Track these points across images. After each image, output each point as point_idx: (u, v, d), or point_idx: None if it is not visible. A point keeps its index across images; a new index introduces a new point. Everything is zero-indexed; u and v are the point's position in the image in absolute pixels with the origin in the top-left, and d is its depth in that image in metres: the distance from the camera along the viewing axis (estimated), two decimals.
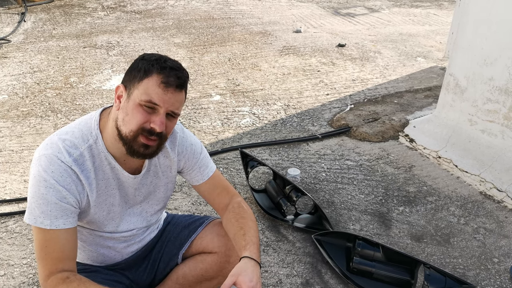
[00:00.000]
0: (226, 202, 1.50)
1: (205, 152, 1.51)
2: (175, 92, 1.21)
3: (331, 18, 6.29)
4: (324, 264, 2.06)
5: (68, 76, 4.11)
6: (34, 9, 6.36)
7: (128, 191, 1.38)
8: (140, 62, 1.23)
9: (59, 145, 1.23)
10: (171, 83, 1.20)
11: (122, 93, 1.24)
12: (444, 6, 7.09)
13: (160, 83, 1.19)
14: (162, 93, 1.19)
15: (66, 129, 1.28)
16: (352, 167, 2.82)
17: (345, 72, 4.34)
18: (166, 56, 1.25)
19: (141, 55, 1.26)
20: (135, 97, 1.20)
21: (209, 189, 1.51)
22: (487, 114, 2.73)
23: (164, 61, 1.22)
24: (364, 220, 2.36)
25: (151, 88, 1.19)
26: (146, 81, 1.19)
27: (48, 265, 1.22)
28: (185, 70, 1.26)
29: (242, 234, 1.37)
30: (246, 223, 1.41)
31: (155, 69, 1.20)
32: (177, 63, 1.25)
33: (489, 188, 2.60)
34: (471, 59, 2.75)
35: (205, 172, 1.50)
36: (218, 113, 3.49)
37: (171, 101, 1.21)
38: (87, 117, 1.31)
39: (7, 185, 2.56)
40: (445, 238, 2.25)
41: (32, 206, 1.20)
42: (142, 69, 1.21)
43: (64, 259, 1.24)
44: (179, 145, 1.44)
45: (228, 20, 6.04)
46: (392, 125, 3.28)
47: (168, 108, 1.21)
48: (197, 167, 1.48)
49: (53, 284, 1.21)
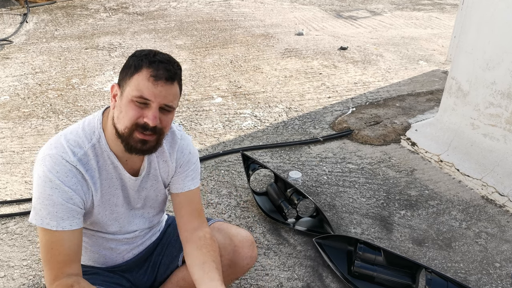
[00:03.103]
0: (195, 226, 1.43)
1: (198, 164, 1.49)
2: (165, 85, 1.20)
3: (333, 21, 6.29)
4: (325, 267, 2.05)
5: (70, 77, 4.12)
6: (36, 10, 6.37)
7: (130, 192, 1.38)
8: (131, 59, 1.23)
9: (63, 144, 1.23)
10: (160, 76, 1.19)
11: (117, 91, 1.25)
12: (447, 9, 7.09)
13: (149, 77, 1.18)
14: (152, 86, 1.18)
15: (70, 129, 1.29)
16: (354, 170, 2.81)
17: (347, 75, 4.34)
18: (156, 51, 1.24)
19: (133, 52, 1.26)
20: (127, 94, 1.19)
21: (182, 203, 1.45)
22: (489, 118, 2.72)
23: (154, 55, 1.21)
24: (366, 223, 2.35)
25: (141, 83, 1.18)
26: (136, 76, 1.19)
27: (54, 268, 1.22)
28: (176, 62, 1.25)
29: (216, 268, 1.34)
30: (218, 259, 1.38)
31: (144, 63, 1.19)
32: (167, 56, 1.24)
33: (491, 192, 2.59)
34: (474, 63, 2.75)
35: (188, 183, 1.45)
36: (219, 115, 3.48)
37: (163, 94, 1.20)
38: (91, 117, 1.31)
39: (8, 186, 2.56)
40: (447, 242, 2.24)
41: (38, 207, 1.20)
42: (132, 65, 1.21)
43: (69, 262, 1.23)
44: (178, 151, 1.43)
45: (230, 22, 6.04)
46: (394, 129, 3.27)
47: (161, 101, 1.20)
48: (184, 176, 1.45)
49: None
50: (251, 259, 1.54)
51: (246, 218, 2.35)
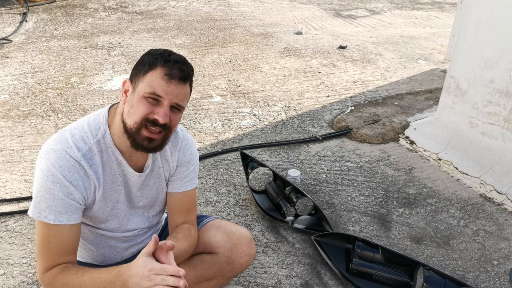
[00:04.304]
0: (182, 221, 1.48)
1: (197, 166, 1.51)
2: (178, 84, 1.22)
3: (332, 20, 6.29)
4: (324, 265, 2.06)
5: (69, 77, 4.12)
6: (36, 9, 6.37)
7: (132, 189, 1.39)
8: (146, 57, 1.26)
9: (68, 139, 1.24)
10: (174, 75, 1.21)
11: (129, 87, 1.27)
12: (446, 8, 7.10)
13: (163, 75, 1.21)
14: (165, 85, 1.21)
15: (75, 124, 1.30)
16: (352, 169, 2.82)
17: (346, 74, 4.34)
18: (170, 51, 1.27)
19: (148, 50, 1.29)
20: (140, 90, 1.22)
21: (177, 202, 1.48)
22: (487, 116, 2.73)
23: (169, 55, 1.24)
24: (364, 221, 2.36)
25: (155, 80, 1.20)
26: (150, 74, 1.21)
27: (48, 259, 1.24)
28: (190, 64, 1.28)
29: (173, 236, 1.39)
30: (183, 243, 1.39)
31: (159, 62, 1.22)
32: (181, 57, 1.27)
33: (489, 190, 2.60)
34: (472, 62, 2.76)
35: (186, 184, 1.48)
36: (218, 114, 3.49)
37: (175, 93, 1.22)
38: (96, 113, 1.33)
39: (8, 184, 2.56)
40: (445, 240, 2.24)
41: (38, 200, 1.22)
42: (147, 63, 1.23)
43: (65, 255, 1.25)
44: (180, 151, 1.44)
45: (230, 21, 6.05)
46: (392, 127, 3.28)
47: (172, 100, 1.22)
48: (183, 176, 1.47)
49: (52, 276, 1.23)
50: (249, 256, 1.55)
51: (245, 216, 2.36)
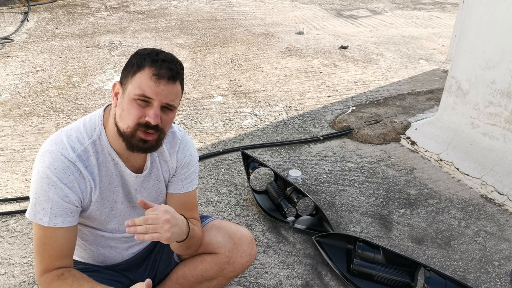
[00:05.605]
0: None
1: (197, 166, 1.50)
2: (167, 84, 1.20)
3: (334, 20, 6.29)
4: (325, 265, 2.05)
5: (71, 76, 4.12)
6: (37, 9, 6.37)
7: (131, 190, 1.38)
8: (134, 57, 1.23)
9: (63, 140, 1.24)
10: (163, 75, 1.19)
11: (119, 90, 1.25)
12: (447, 9, 7.09)
13: (151, 76, 1.18)
14: (154, 85, 1.18)
15: (71, 125, 1.30)
16: (354, 169, 2.82)
17: (347, 74, 4.34)
18: (159, 50, 1.24)
19: (136, 51, 1.26)
20: (129, 92, 1.20)
21: (178, 203, 1.47)
22: (489, 117, 2.73)
23: (156, 54, 1.22)
24: (365, 222, 2.35)
25: (143, 81, 1.18)
26: (138, 75, 1.19)
27: (44, 261, 1.24)
28: (179, 62, 1.25)
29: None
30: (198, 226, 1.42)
31: (147, 62, 1.19)
32: (170, 55, 1.24)
33: (490, 191, 2.60)
34: (474, 62, 2.75)
35: (187, 185, 1.47)
36: (220, 114, 3.49)
37: (164, 93, 1.20)
38: (93, 114, 1.32)
39: (9, 184, 2.57)
40: (446, 241, 2.24)
41: (34, 202, 1.22)
42: (135, 63, 1.21)
43: (61, 257, 1.25)
44: (179, 152, 1.44)
45: (231, 21, 6.04)
46: (393, 128, 3.27)
47: (162, 100, 1.20)
48: (183, 178, 1.46)
49: (48, 281, 1.23)
50: (250, 256, 1.55)
51: (245, 216, 2.36)
